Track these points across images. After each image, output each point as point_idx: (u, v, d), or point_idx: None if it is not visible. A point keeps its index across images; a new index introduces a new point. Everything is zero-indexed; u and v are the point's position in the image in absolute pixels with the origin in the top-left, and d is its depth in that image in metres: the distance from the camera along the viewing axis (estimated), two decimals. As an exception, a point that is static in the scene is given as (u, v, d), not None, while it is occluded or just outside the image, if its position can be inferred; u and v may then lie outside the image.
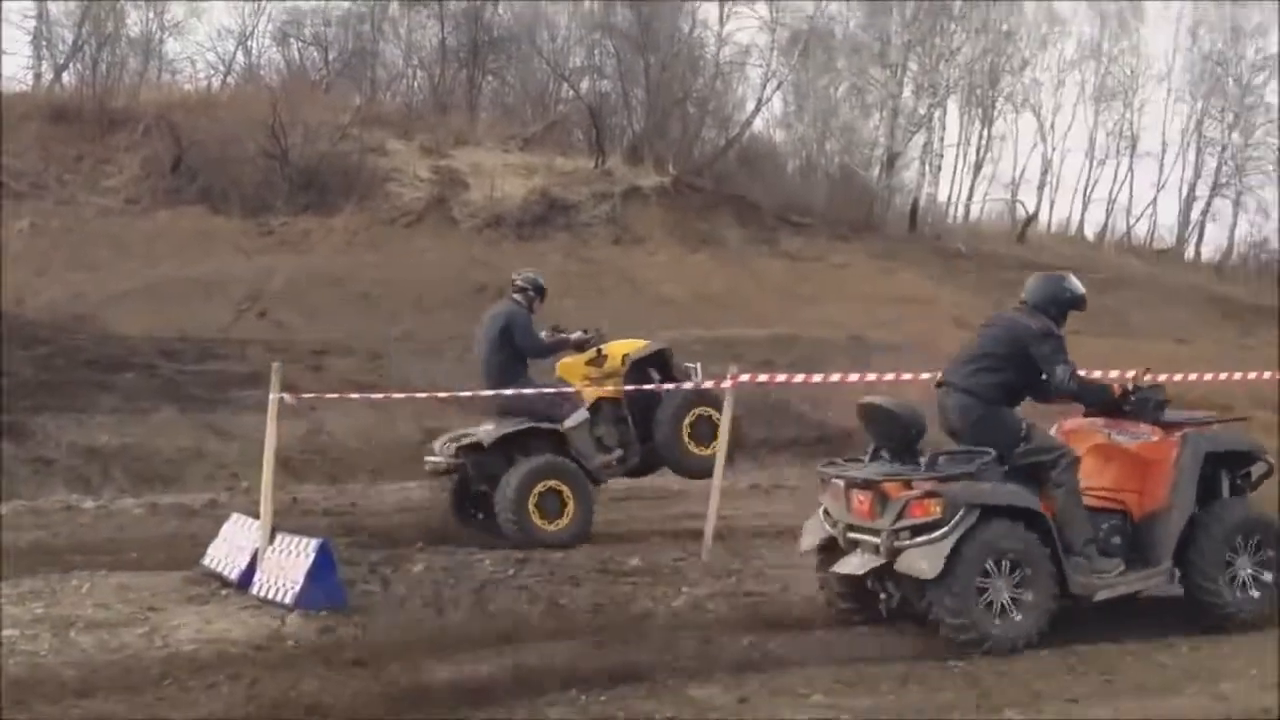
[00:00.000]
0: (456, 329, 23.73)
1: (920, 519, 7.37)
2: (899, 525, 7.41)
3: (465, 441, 11.21)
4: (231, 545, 9.37)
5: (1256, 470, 8.22)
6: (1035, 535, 7.43)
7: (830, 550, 8.04)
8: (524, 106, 40.13)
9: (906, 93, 41.77)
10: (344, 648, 7.33)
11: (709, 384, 11.73)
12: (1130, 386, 8.24)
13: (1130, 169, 49.53)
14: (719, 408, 11.22)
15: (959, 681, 6.67)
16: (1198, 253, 50.48)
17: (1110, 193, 49.64)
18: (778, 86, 41.06)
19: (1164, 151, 49.69)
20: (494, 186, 31.06)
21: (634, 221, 32.00)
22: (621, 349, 12.07)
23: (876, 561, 7.57)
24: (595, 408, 11.66)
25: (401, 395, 14.76)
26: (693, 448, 11.80)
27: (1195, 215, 50.00)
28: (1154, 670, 6.93)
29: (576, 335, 12.01)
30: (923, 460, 7.78)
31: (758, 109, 41.18)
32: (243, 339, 21.36)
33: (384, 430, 17.85)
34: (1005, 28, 44.52)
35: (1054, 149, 48.23)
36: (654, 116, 38.02)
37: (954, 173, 45.68)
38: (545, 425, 11.15)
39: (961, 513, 7.26)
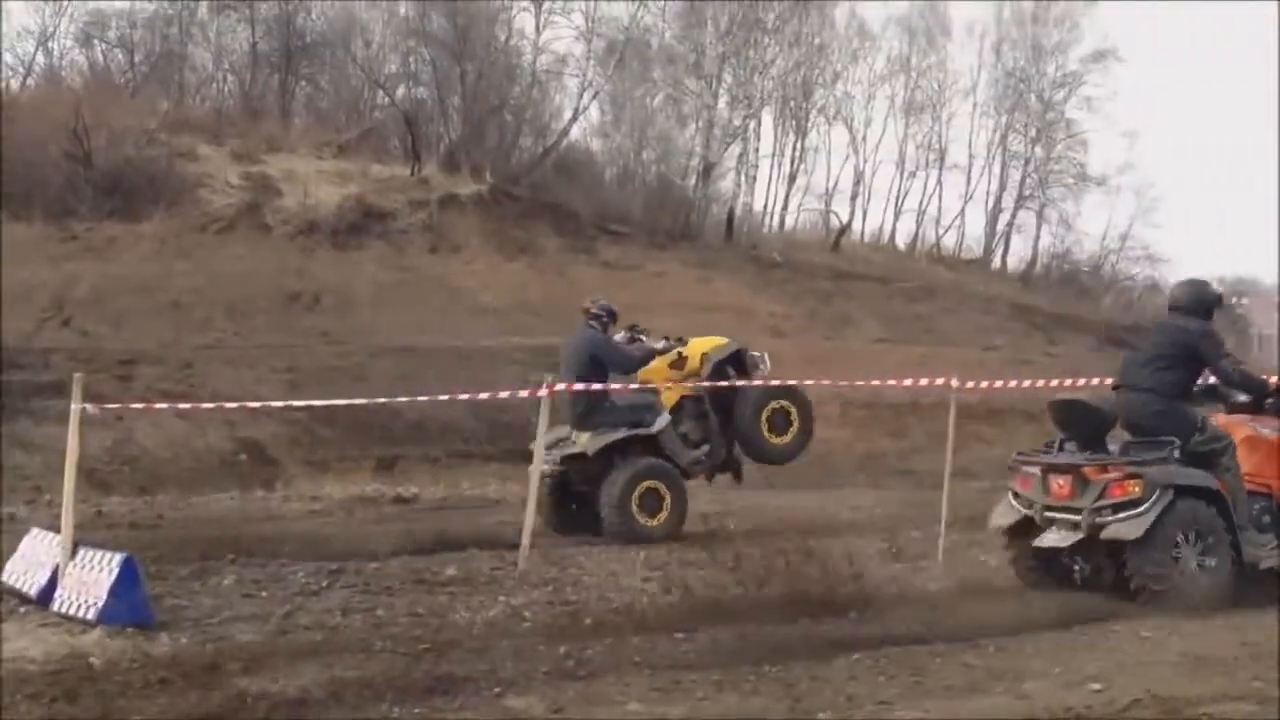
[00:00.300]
0: (270, 337, 23.35)
1: (1120, 498, 8.64)
2: (1100, 504, 8.71)
3: (569, 452, 12.12)
4: (31, 560, 8.99)
5: None
6: (1215, 511, 8.70)
7: (1022, 529, 9.32)
8: (338, 113, 39.54)
9: (722, 104, 42.40)
10: (151, 665, 7.05)
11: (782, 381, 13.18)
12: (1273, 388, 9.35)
13: (939, 181, 50.84)
14: (794, 399, 12.89)
15: (773, 687, 6.72)
16: (1004, 263, 52.09)
17: (920, 203, 50.77)
18: (594, 96, 41.24)
19: (971, 164, 51.20)
20: (308, 193, 30.52)
21: (451, 229, 31.79)
22: (700, 349, 12.94)
23: (1077, 536, 8.87)
24: (678, 407, 12.57)
25: (211, 405, 14.38)
26: (771, 438, 12.82)
27: (1001, 226, 51.63)
28: (961, 671, 7.07)
29: (661, 345, 12.97)
30: (1113, 449, 9.18)
31: (574, 118, 41.28)
32: (46, 348, 20.59)
33: (194, 440, 17.45)
34: (817, 41, 45.46)
35: (866, 160, 49.21)
36: (471, 124, 37.82)
37: (769, 183, 46.48)
38: (640, 432, 12.10)
39: (1159, 492, 8.52)
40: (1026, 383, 13.54)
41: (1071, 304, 47.55)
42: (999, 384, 14.14)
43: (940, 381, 11.76)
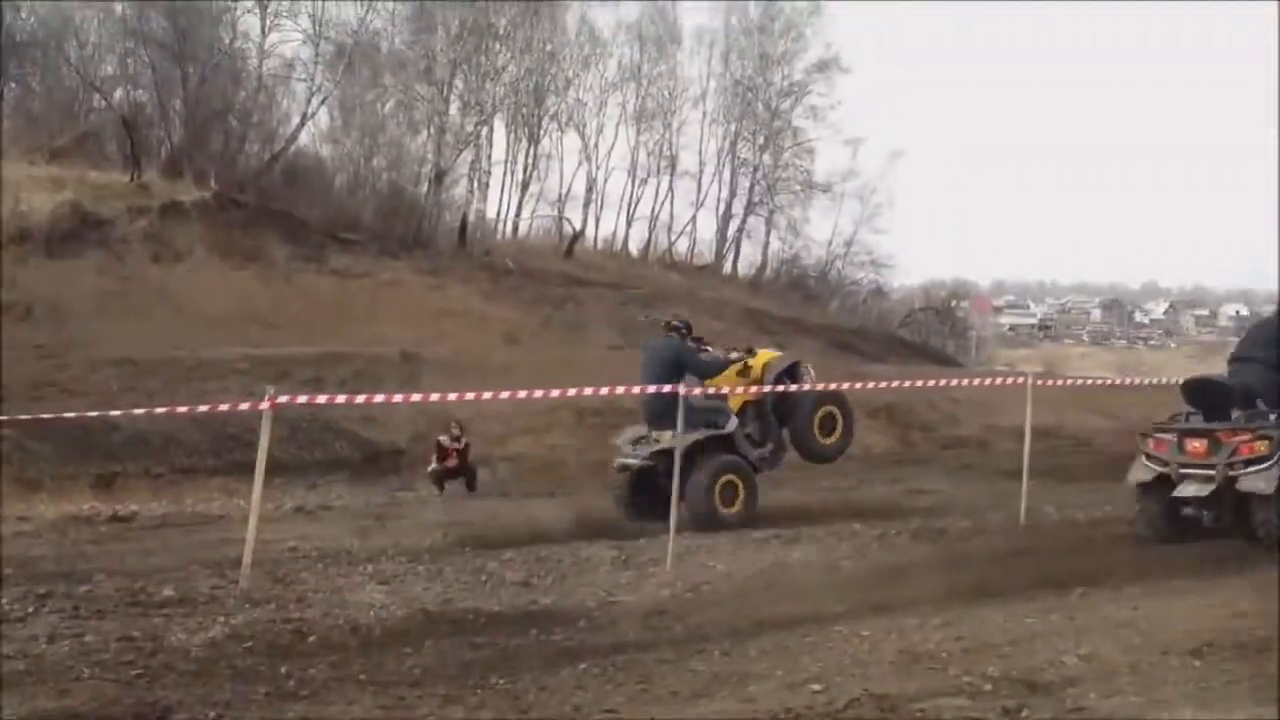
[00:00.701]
0: (-23, 349, 21.92)
1: (1250, 455, 10.45)
2: (1232, 460, 10.49)
3: (658, 447, 13.46)
4: None
5: None
6: None
7: (1155, 486, 11.15)
8: (51, 116, 37.57)
9: (453, 110, 42.21)
10: None
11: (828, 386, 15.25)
12: None
13: (671, 188, 51.81)
14: (840, 405, 14.90)
15: (501, 699, 6.62)
16: (735, 268, 53.41)
17: (653, 210, 51.69)
18: (323, 101, 40.35)
19: (701, 171, 52.49)
20: (19, 200, 28.90)
21: (174, 238, 30.69)
22: (763, 360, 14.70)
23: (1210, 487, 10.62)
24: (741, 411, 14.19)
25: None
26: (821, 438, 14.77)
27: (732, 232, 52.91)
28: (687, 676, 7.09)
29: (734, 355, 14.64)
30: (1237, 416, 10.92)
31: (302, 123, 40.38)
32: None
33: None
34: (549, 48, 45.70)
35: (598, 167, 49.79)
36: (194, 129, 36.57)
37: (502, 190, 46.51)
38: (717, 432, 13.62)
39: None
40: (754, 388, 14.22)
41: (800, 308, 49.11)
42: (737, 391, 14.54)
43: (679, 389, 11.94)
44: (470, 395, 15.15)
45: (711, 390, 13.97)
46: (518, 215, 47.04)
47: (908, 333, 56.98)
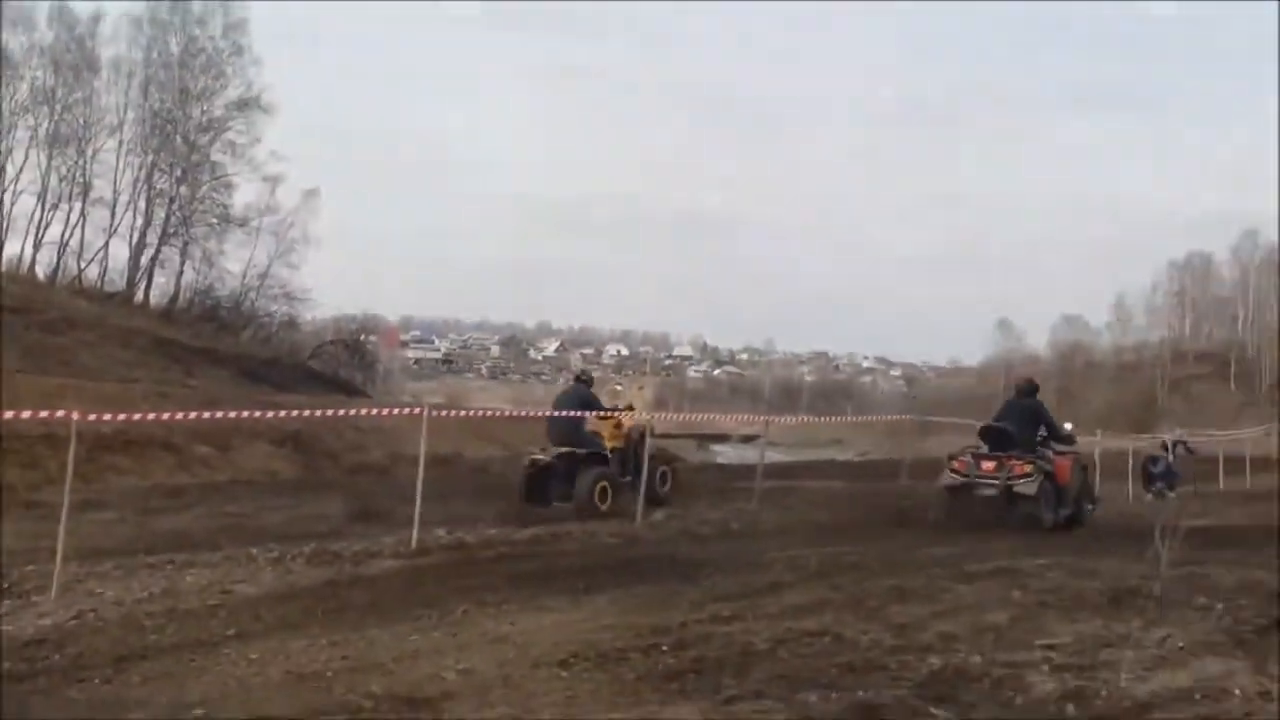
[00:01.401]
0: None
1: (1021, 473, 16.05)
2: (1010, 475, 16.04)
3: (562, 451, 17.60)
4: None
5: None
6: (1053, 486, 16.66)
7: (956, 490, 16.51)
8: None
9: None
10: None
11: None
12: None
13: (83, 214, 50.31)
14: (673, 467, 20.90)
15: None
16: (147, 297, 51.93)
17: (63, 235, 49.97)
18: None
19: (116, 199, 51.06)
20: None
21: None
22: (629, 421, 19.20)
23: (995, 491, 16.07)
24: (612, 451, 18.28)
25: None
26: (659, 488, 18.93)
27: (145, 261, 51.19)
28: (64, 707, 6.75)
29: (619, 407, 19.85)
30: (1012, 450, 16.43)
31: None
32: None
33: None
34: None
35: (6, 190, 47.91)
36: None
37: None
38: (599, 450, 17.93)
39: (1038, 472, 16.11)
40: (166, 415, 13.61)
41: (212, 338, 48.07)
42: (134, 416, 13.84)
43: (60, 414, 11.33)
44: None
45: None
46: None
47: (318, 364, 57.14)
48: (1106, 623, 7.93)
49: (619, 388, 21.20)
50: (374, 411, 25.58)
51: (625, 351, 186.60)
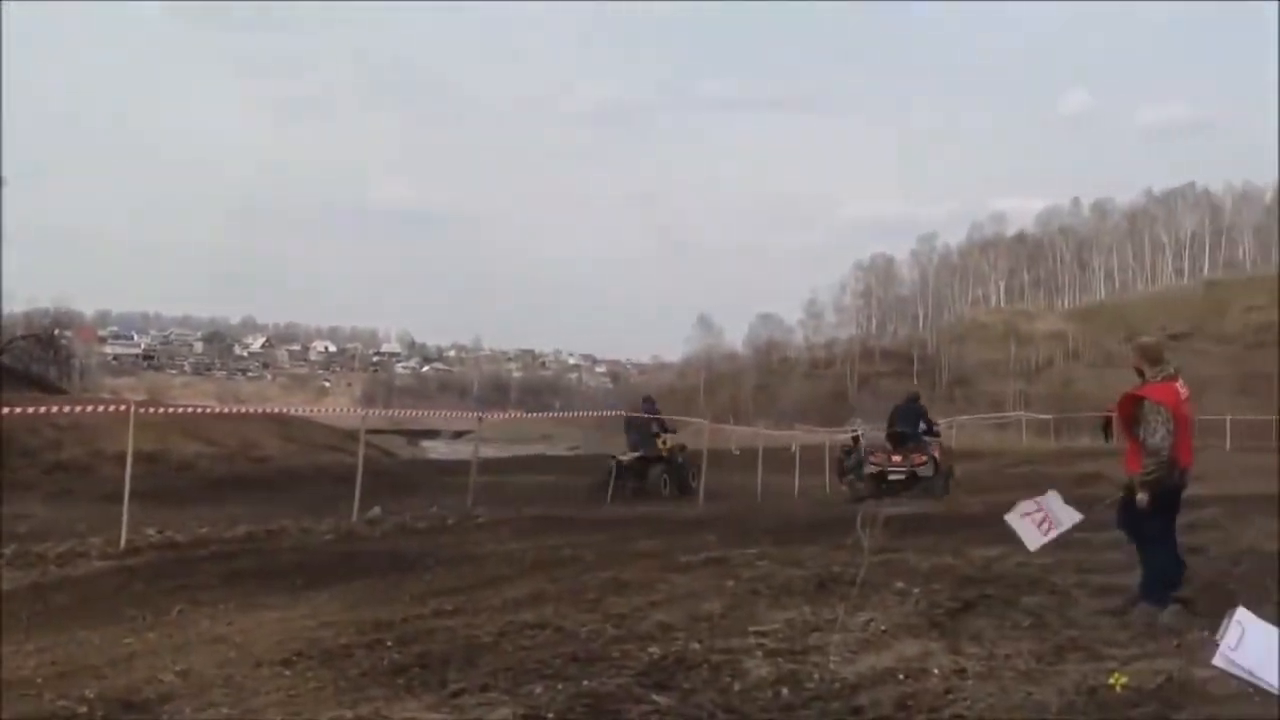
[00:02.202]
0: None
1: (920, 462, 22.03)
2: (914, 464, 22.00)
3: (638, 455, 23.24)
4: None
5: None
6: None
7: (874, 475, 22.18)
8: None
9: None
10: None
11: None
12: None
13: None
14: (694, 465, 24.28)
15: None
16: None
17: None
18: None
19: None
20: None
21: None
22: (670, 445, 23.81)
23: (902, 475, 21.87)
24: (659, 458, 23.44)
25: None
26: (691, 483, 23.38)
27: None
28: None
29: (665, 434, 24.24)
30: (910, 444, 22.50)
31: None
32: None
33: None
34: None
35: None
36: None
37: None
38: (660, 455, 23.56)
39: (931, 459, 22.22)
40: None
41: None
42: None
43: None
44: None
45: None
46: None
47: (9, 359, 53.75)
48: (814, 608, 8.26)
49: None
50: (75, 408, 24.26)
51: (333, 348, 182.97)
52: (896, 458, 22.06)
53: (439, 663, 6.90)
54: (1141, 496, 7.98)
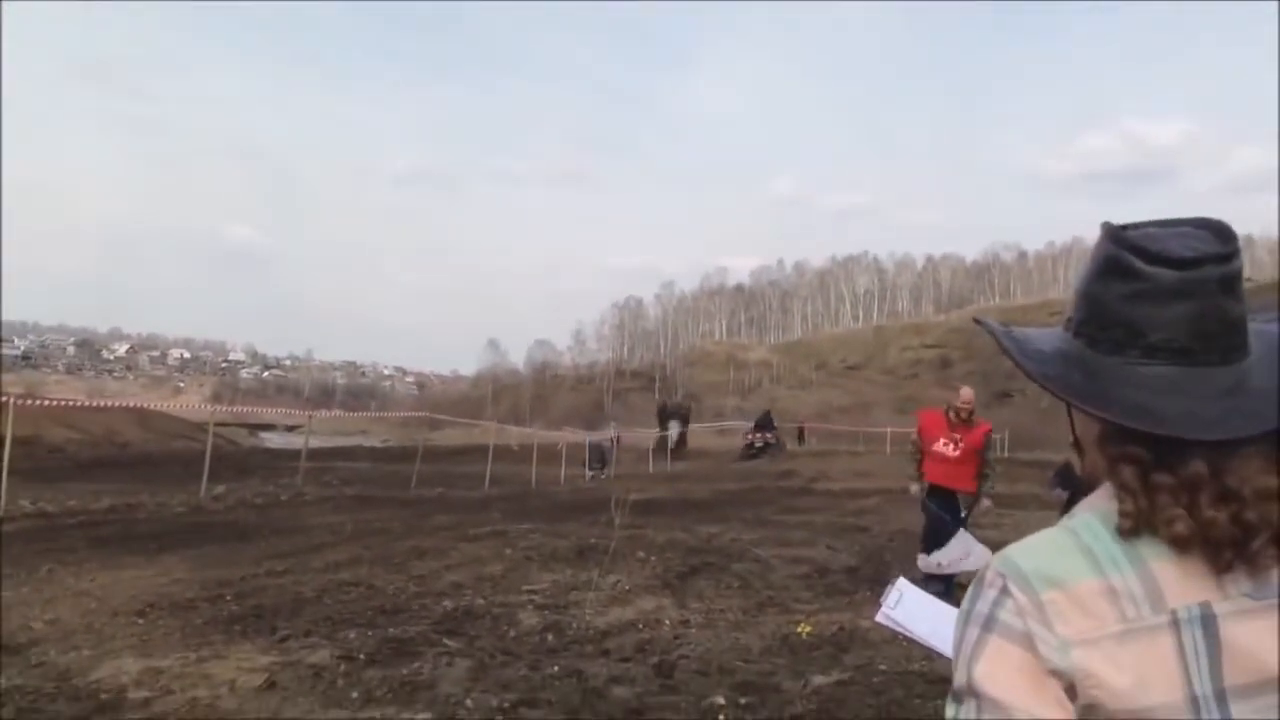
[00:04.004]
0: None
1: (771, 439, 34.41)
2: (766, 441, 33.54)
3: (682, 430, 36.69)
4: None
5: None
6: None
7: (748, 447, 34.12)
8: None
9: None
10: None
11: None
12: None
13: None
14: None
15: None
16: None
17: None
18: None
19: None
20: None
21: None
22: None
23: (762, 446, 33.50)
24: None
25: None
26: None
27: None
28: None
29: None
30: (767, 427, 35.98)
31: None
32: None
33: None
34: None
35: None
36: None
37: None
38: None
39: (774, 436, 35.59)
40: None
41: None
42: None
43: None
44: None
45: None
46: None
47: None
48: (574, 571, 8.33)
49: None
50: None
51: (188, 355, 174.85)
52: (757, 436, 33.14)
53: (270, 613, 6.70)
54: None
